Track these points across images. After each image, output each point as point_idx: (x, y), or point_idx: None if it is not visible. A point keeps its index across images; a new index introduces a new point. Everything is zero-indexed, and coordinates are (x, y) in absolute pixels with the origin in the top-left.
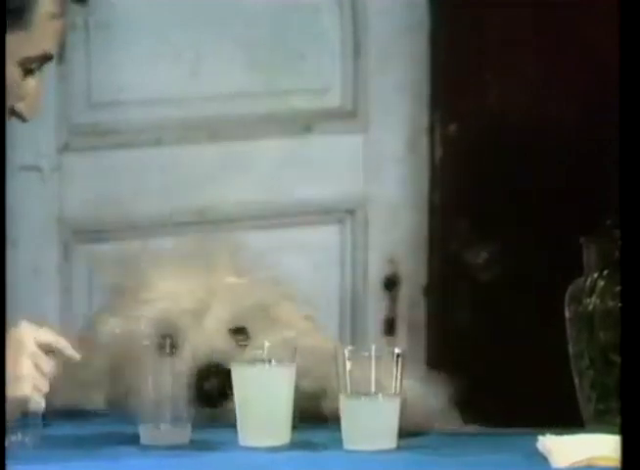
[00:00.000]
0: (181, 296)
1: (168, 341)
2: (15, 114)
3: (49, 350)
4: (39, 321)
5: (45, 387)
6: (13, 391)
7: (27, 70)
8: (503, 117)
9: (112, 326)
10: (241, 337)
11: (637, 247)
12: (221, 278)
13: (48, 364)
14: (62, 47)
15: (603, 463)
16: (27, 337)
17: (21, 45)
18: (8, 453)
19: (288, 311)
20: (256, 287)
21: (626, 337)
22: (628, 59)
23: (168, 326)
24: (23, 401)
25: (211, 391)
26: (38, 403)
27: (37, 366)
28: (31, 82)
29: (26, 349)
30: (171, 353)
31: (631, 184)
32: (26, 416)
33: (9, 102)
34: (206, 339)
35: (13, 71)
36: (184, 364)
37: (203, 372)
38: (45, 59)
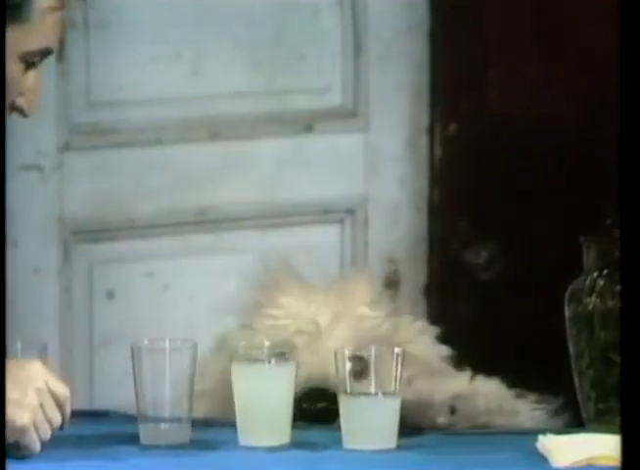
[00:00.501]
0: (307, 317)
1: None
2: (15, 109)
3: (55, 399)
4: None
5: (47, 434)
6: (13, 416)
7: (29, 64)
8: (503, 116)
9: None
10: (358, 366)
11: (637, 246)
12: (354, 307)
13: (54, 411)
14: (61, 45)
15: (603, 463)
16: (39, 376)
17: (20, 39)
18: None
19: (421, 349)
20: (389, 322)
21: (626, 336)
22: (628, 59)
23: (287, 343)
24: (21, 431)
25: (315, 413)
26: (34, 442)
27: (42, 407)
28: (31, 77)
29: (36, 384)
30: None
31: (631, 184)
32: (18, 449)
33: (9, 97)
34: (321, 362)
35: (13, 68)
36: (296, 381)
37: (311, 393)
38: (45, 53)
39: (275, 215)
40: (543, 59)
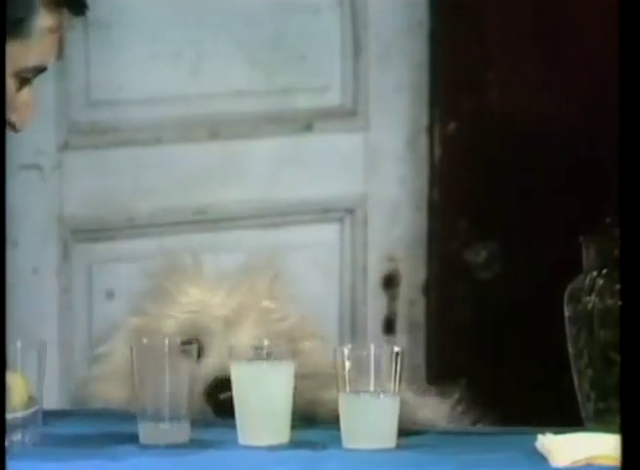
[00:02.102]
0: (214, 306)
1: (194, 345)
2: (8, 124)
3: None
4: None
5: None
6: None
7: (23, 80)
8: (503, 116)
9: (134, 324)
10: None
11: (636, 245)
12: (257, 300)
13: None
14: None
15: (602, 462)
16: None
17: (17, 55)
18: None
19: (313, 349)
20: (290, 317)
21: (626, 335)
22: (628, 59)
23: (196, 331)
24: None
25: (224, 402)
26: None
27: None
28: (24, 93)
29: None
30: (195, 357)
31: (631, 183)
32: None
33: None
34: (229, 352)
35: (8, 83)
36: (204, 370)
37: (218, 383)
38: (40, 70)
39: (275, 214)
40: (543, 59)
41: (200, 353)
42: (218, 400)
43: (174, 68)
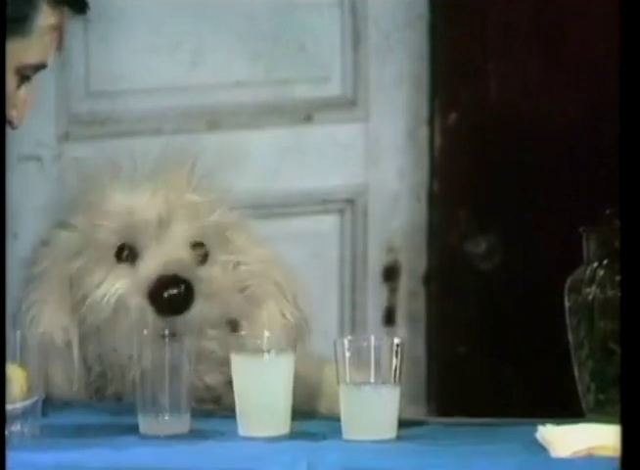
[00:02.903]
0: (142, 209)
1: (128, 249)
2: (5, 120)
3: None
4: None
5: None
6: None
7: (23, 77)
8: (503, 106)
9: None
10: (199, 252)
11: (637, 236)
12: (180, 195)
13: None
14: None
15: (603, 453)
16: None
17: (19, 52)
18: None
19: (243, 237)
20: (214, 207)
21: (626, 326)
22: (628, 58)
23: (129, 235)
24: None
25: (172, 299)
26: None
27: None
28: (23, 90)
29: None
30: (131, 261)
31: (631, 173)
32: None
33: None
34: (168, 249)
35: (8, 80)
36: (144, 272)
37: (164, 281)
38: (40, 67)
39: (274, 205)
40: (543, 50)
41: (135, 257)
42: (163, 299)
43: (174, 58)
